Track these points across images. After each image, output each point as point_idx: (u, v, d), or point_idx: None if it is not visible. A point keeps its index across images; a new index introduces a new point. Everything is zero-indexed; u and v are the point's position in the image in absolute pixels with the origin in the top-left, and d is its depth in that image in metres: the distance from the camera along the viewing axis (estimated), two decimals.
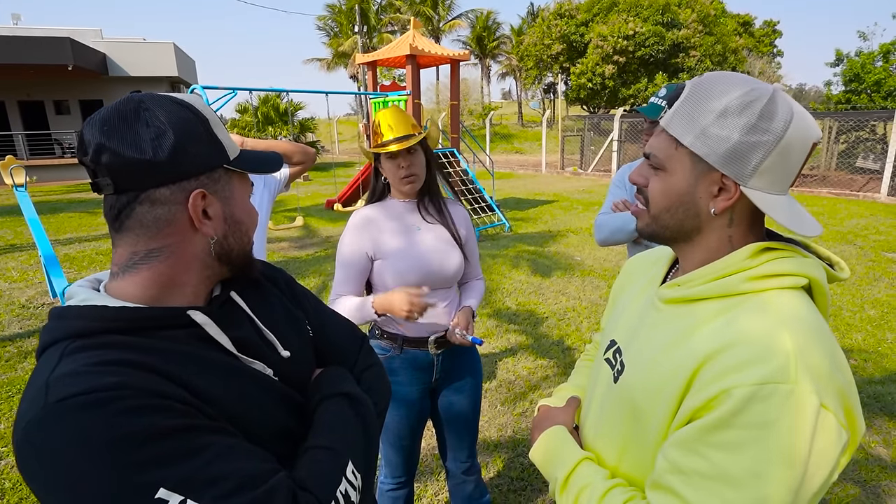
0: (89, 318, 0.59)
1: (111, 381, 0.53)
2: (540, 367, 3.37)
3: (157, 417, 0.53)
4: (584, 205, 9.84)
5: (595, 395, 0.86)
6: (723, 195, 0.68)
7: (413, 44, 7.17)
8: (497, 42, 36.57)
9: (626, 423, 0.75)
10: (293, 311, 0.84)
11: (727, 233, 0.71)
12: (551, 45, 20.45)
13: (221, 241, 0.68)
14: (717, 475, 0.59)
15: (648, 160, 0.74)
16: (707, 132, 0.65)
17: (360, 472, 0.68)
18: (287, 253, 6.57)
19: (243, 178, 0.71)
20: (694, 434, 0.61)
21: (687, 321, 0.70)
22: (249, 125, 17.40)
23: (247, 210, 0.72)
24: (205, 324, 0.65)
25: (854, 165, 12.50)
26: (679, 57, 18.74)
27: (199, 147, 0.64)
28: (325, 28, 33.37)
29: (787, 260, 0.67)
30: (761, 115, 0.64)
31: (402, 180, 1.48)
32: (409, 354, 1.54)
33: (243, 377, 0.67)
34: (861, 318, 4.12)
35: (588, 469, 0.78)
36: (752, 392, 0.57)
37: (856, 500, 2.18)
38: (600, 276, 5.36)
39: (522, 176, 15.58)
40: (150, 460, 0.51)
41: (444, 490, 2.24)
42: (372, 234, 1.51)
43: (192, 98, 0.68)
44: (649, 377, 0.71)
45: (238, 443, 0.59)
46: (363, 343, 0.92)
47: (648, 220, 0.75)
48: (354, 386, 0.80)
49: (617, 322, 0.88)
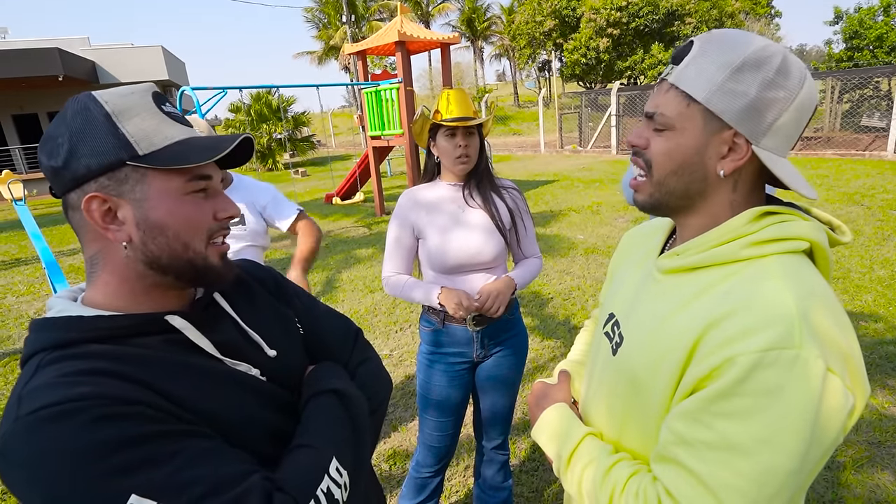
0: (64, 329, 0.60)
1: (81, 392, 0.53)
2: (547, 348, 3.36)
3: (127, 425, 0.53)
4: (584, 183, 9.75)
5: (594, 369, 0.86)
6: (732, 155, 0.66)
7: (401, 30, 7.05)
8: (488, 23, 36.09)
9: (626, 396, 0.74)
10: (281, 310, 0.83)
11: (730, 198, 0.69)
12: (543, 21, 20.11)
13: (141, 248, 0.62)
14: (723, 444, 0.58)
15: (651, 120, 0.70)
16: (723, 87, 0.63)
17: (347, 468, 0.67)
18: (289, 250, 6.57)
19: (171, 174, 0.62)
20: (698, 404, 0.60)
21: (687, 290, 0.69)
22: (243, 124, 17.30)
23: (172, 213, 0.62)
24: (183, 328, 0.65)
25: (859, 124, 12.30)
26: (674, 25, 18.38)
27: (93, 146, 0.60)
28: (314, 20, 32.98)
29: (788, 224, 0.66)
30: (778, 71, 0.62)
31: (456, 160, 1.50)
32: (449, 329, 1.59)
33: (226, 379, 0.66)
34: (871, 279, 4.07)
35: (592, 444, 0.77)
36: (757, 359, 0.56)
37: (870, 460, 2.17)
38: (604, 253, 5.32)
39: (521, 157, 15.45)
40: (121, 468, 0.51)
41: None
42: (417, 213, 1.56)
43: (115, 91, 0.62)
44: (649, 348, 0.70)
45: (214, 446, 0.58)
46: (357, 338, 0.90)
47: (651, 189, 0.72)
48: (345, 381, 0.79)
49: (615, 295, 0.87)
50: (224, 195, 0.69)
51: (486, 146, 1.59)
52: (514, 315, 1.67)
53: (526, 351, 1.71)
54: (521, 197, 1.64)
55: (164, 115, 0.64)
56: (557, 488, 2.14)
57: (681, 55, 0.68)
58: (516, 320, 1.68)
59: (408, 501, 1.77)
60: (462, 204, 1.56)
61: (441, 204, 1.56)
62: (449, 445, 1.71)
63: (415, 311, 4.14)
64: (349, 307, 4.36)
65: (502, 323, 1.61)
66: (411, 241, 1.58)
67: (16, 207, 5.65)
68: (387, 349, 3.53)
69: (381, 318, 4.08)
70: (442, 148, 1.52)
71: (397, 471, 2.32)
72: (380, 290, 4.67)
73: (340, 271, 5.42)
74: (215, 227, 0.67)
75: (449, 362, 1.61)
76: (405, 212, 1.57)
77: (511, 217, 1.58)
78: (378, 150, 8.25)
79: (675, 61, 0.68)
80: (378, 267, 5.42)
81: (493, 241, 1.53)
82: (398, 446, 2.48)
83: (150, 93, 0.64)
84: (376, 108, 7.56)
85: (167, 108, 0.64)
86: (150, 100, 0.63)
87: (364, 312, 4.21)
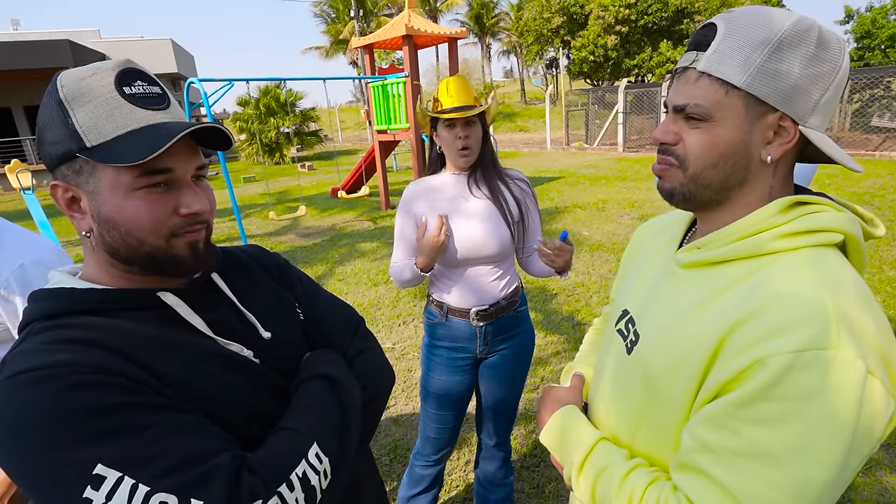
0: (58, 300, 0.61)
1: (59, 359, 0.54)
2: (550, 343, 3.34)
3: (100, 394, 0.53)
4: (590, 179, 9.70)
5: (606, 369, 0.82)
6: (778, 139, 0.62)
7: (409, 24, 7.02)
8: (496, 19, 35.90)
9: (642, 397, 0.70)
10: (281, 294, 0.82)
11: (769, 184, 0.65)
12: (551, 18, 19.98)
13: (100, 240, 0.61)
14: (753, 453, 0.54)
15: (683, 112, 0.65)
16: (764, 69, 0.59)
17: (329, 456, 0.65)
18: (293, 242, 6.58)
19: (120, 170, 0.58)
20: (726, 409, 0.56)
21: (709, 285, 0.65)
22: (251, 118, 17.33)
23: (120, 209, 0.59)
24: (175, 305, 0.64)
25: (869, 125, 12.14)
26: (683, 23, 18.21)
27: (51, 135, 0.59)
28: (322, 15, 32.94)
29: (821, 215, 0.61)
30: (819, 44, 0.58)
31: (457, 152, 1.47)
32: (452, 323, 1.55)
33: (216, 358, 0.65)
34: (880, 280, 4.03)
35: (606, 449, 0.73)
36: (791, 360, 0.52)
37: (878, 463, 2.14)
38: (609, 250, 5.29)
39: (527, 154, 15.39)
40: (90, 436, 0.51)
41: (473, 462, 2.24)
42: (420, 205, 1.53)
43: (76, 73, 0.59)
44: (667, 346, 0.66)
45: (189, 421, 0.57)
46: (358, 327, 0.89)
47: (683, 180, 0.66)
48: (339, 368, 0.77)
49: (629, 291, 0.83)
50: (191, 187, 0.63)
51: (490, 136, 1.55)
52: (521, 312, 1.63)
53: (532, 349, 1.68)
54: (530, 189, 1.59)
55: (123, 100, 0.58)
56: (558, 485, 2.13)
57: (705, 40, 0.63)
58: (523, 317, 1.63)
59: (406, 490, 1.76)
60: (466, 193, 1.52)
61: (444, 193, 1.53)
62: (448, 438, 1.70)
63: (418, 304, 4.14)
64: (353, 300, 4.36)
65: (508, 319, 1.57)
66: (414, 231, 1.56)
67: (24, 196, 5.71)
68: (389, 342, 3.53)
69: (384, 311, 4.08)
70: (443, 139, 1.48)
71: (398, 465, 2.32)
72: (384, 284, 4.67)
73: (344, 264, 5.42)
74: (178, 223, 0.62)
75: (451, 357, 1.59)
76: (409, 202, 1.55)
77: (518, 208, 1.54)
78: (384, 145, 8.24)
79: (699, 47, 0.63)
80: (382, 260, 5.42)
81: (499, 233, 1.48)
82: (399, 440, 2.48)
83: (116, 72, 0.59)
84: (383, 102, 7.54)
85: (133, 90, 0.59)
86: (112, 81, 0.58)
87: (367, 305, 4.21)
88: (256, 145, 17.05)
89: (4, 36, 17.86)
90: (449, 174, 1.55)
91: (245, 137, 18.13)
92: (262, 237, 7.00)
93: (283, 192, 11.04)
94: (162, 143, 0.57)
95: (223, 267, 0.76)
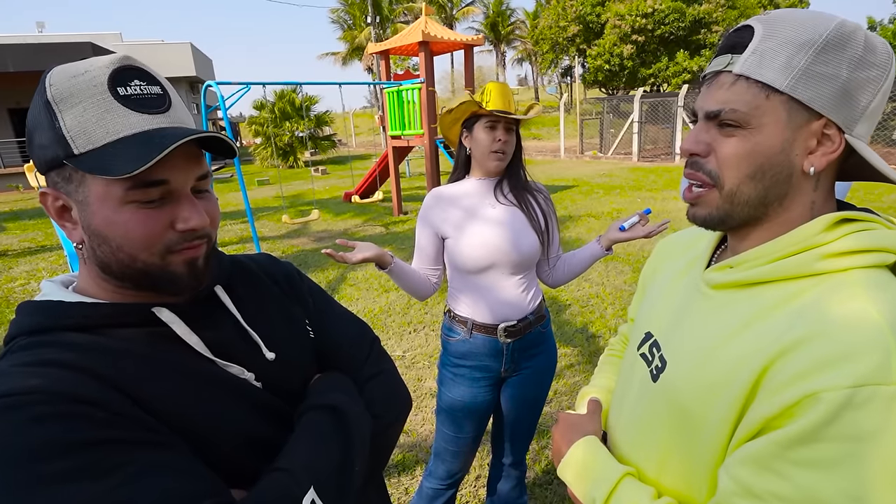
0: (43, 315, 0.56)
1: (30, 385, 0.48)
2: (564, 356, 3.27)
3: (71, 427, 0.47)
4: (604, 189, 9.61)
5: (628, 397, 0.76)
6: (822, 149, 0.57)
7: (425, 30, 7.04)
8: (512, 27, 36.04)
9: (669, 429, 0.65)
10: (291, 309, 0.76)
11: (811, 198, 0.60)
12: (567, 27, 19.97)
13: (91, 253, 0.56)
14: (802, 499, 0.49)
15: (717, 119, 0.59)
16: (809, 71, 0.54)
17: (328, 499, 0.58)
18: (305, 246, 6.59)
19: (109, 181, 0.52)
20: (771, 449, 0.51)
21: (746, 309, 0.60)
22: (267, 121, 17.51)
23: (109, 223, 0.54)
24: (171, 322, 0.59)
25: (891, 138, 11.91)
26: (700, 33, 18.09)
27: (39, 138, 0.53)
28: (339, 21, 33.33)
29: (871, 233, 0.56)
30: (866, 47, 0.54)
31: (491, 154, 1.43)
32: (478, 340, 1.49)
33: (212, 382, 0.60)
34: None
35: (632, 486, 0.67)
36: (847, 396, 0.47)
37: None
38: (624, 260, 5.21)
39: (541, 162, 15.32)
40: (54, 476, 0.44)
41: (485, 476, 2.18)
42: (440, 213, 1.49)
43: (68, 69, 0.54)
44: (699, 374, 0.61)
45: (169, 460, 0.50)
46: (372, 346, 0.82)
47: (720, 202, 0.61)
48: (348, 396, 0.71)
49: (651, 311, 0.77)
50: (190, 201, 0.57)
51: (521, 147, 1.52)
52: (546, 329, 1.58)
53: (554, 368, 1.63)
54: (550, 200, 1.58)
55: (116, 102, 0.53)
56: None
57: (741, 42, 0.58)
58: (548, 335, 1.59)
59: None
60: (491, 199, 1.47)
61: (466, 199, 1.49)
62: (464, 461, 1.62)
63: (429, 312, 4.09)
64: (363, 306, 4.33)
65: (534, 336, 1.52)
66: (431, 242, 1.51)
67: None
68: (399, 350, 3.48)
69: (394, 318, 4.04)
70: (478, 140, 1.43)
71: (406, 477, 2.27)
72: (395, 290, 4.64)
73: (356, 270, 5.40)
74: (174, 238, 0.56)
75: (474, 376, 1.51)
76: (426, 212, 1.52)
77: (545, 219, 1.51)
78: (398, 150, 8.25)
79: (734, 50, 0.58)
80: None
81: (523, 240, 1.44)
82: (408, 451, 2.43)
83: (111, 70, 0.53)
84: (397, 108, 7.56)
85: (129, 90, 0.54)
86: (105, 80, 0.53)
87: (378, 312, 4.18)
88: (271, 149, 17.20)
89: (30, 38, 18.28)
90: (474, 180, 1.51)
91: (260, 141, 18.32)
92: (274, 240, 7.03)
93: (297, 196, 11.10)
94: (153, 155, 0.51)
95: (230, 278, 0.70)
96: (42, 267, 6.08)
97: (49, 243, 7.33)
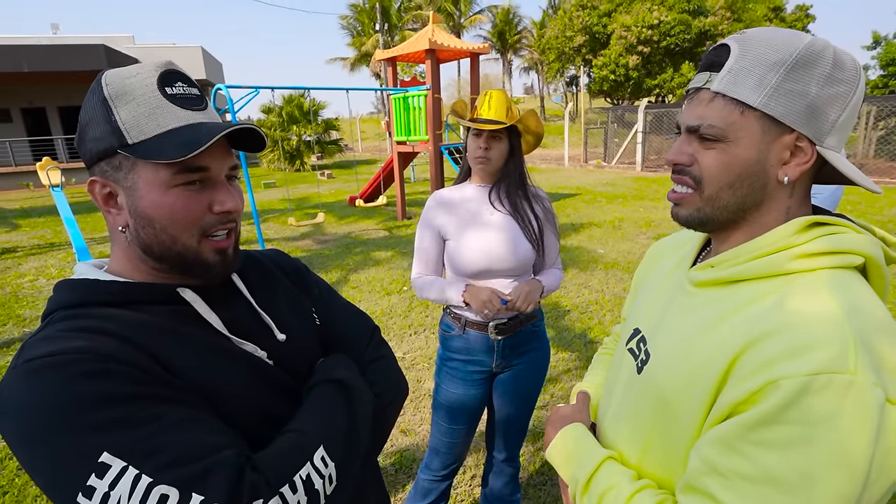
0: (81, 291, 0.63)
1: (75, 346, 0.55)
2: (562, 361, 3.32)
3: (111, 383, 0.53)
4: (607, 198, 9.65)
5: (616, 389, 0.80)
6: (795, 160, 0.61)
7: (432, 38, 7.14)
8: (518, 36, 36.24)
9: (651, 418, 0.69)
10: (298, 297, 0.83)
11: (786, 204, 0.64)
12: (573, 37, 20.12)
13: (135, 236, 0.63)
14: (762, 477, 0.52)
15: (697, 133, 0.64)
16: (780, 88, 0.58)
17: (335, 460, 0.64)
18: (310, 248, 6.66)
19: (159, 165, 0.60)
20: (735, 431, 0.55)
21: (723, 305, 0.64)
22: (274, 125, 17.68)
23: (157, 205, 0.61)
24: (193, 301, 0.66)
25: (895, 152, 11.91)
26: (706, 45, 18.18)
27: (96, 131, 0.60)
28: (348, 27, 33.64)
29: (841, 236, 0.60)
30: (835, 65, 0.58)
31: (475, 160, 1.51)
32: (470, 336, 1.56)
33: (229, 357, 0.66)
34: None
35: (612, 469, 0.72)
36: (805, 383, 0.50)
37: None
38: (624, 268, 5.25)
39: (545, 170, 15.39)
40: (98, 425, 0.51)
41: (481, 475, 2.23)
42: (442, 215, 1.55)
43: (121, 72, 0.61)
44: (679, 366, 0.65)
45: (196, 415, 0.57)
46: (373, 334, 0.89)
47: (700, 204, 0.66)
48: (352, 374, 0.77)
49: (640, 309, 0.81)
50: (225, 186, 0.66)
51: (521, 154, 1.56)
52: (539, 327, 1.64)
53: (547, 365, 1.68)
54: (551, 207, 1.62)
55: (165, 99, 0.61)
56: None
57: (718, 60, 0.63)
58: (540, 333, 1.64)
59: (412, 503, 1.76)
60: (488, 206, 1.53)
61: (464, 204, 1.54)
62: (458, 454, 1.69)
63: (430, 315, 4.15)
64: (366, 308, 4.39)
65: (525, 334, 1.58)
66: (434, 244, 1.57)
67: (53, 193, 5.88)
68: (400, 352, 3.54)
69: (396, 320, 4.10)
70: (469, 146, 1.52)
71: (403, 475, 2.31)
72: (396, 293, 4.70)
73: (359, 272, 5.47)
74: (211, 220, 0.64)
75: (466, 370, 1.58)
76: (429, 213, 1.58)
77: (539, 227, 1.55)
78: (403, 156, 8.34)
79: (712, 68, 0.63)
80: (396, 270, 5.45)
81: (519, 248, 1.49)
82: (405, 450, 2.48)
83: (159, 72, 0.61)
84: (403, 114, 7.65)
85: (175, 90, 0.62)
86: (155, 81, 0.61)
87: (380, 314, 4.24)
88: (278, 152, 17.34)
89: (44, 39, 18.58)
90: (473, 186, 1.57)
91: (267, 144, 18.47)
92: (279, 241, 7.10)
93: (302, 199, 11.20)
94: (202, 142, 0.59)
95: (243, 268, 0.77)
96: (51, 264, 6.17)
97: (58, 241, 7.44)
